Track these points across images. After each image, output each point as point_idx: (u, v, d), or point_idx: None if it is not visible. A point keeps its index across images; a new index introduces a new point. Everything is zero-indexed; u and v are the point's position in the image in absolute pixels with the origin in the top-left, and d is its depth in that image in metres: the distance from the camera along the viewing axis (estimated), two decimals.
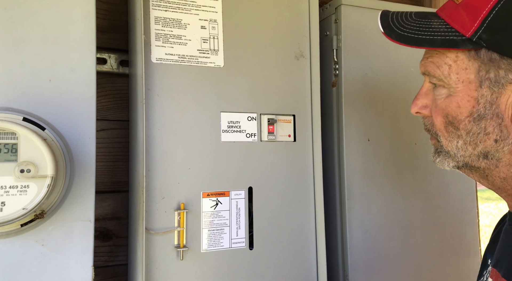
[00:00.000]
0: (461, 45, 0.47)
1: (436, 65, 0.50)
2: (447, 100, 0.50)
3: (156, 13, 0.70)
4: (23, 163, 0.53)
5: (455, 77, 0.49)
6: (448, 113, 0.50)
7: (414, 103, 0.55)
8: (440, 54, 0.50)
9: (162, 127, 0.70)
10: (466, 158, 0.50)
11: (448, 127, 0.51)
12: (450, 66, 0.49)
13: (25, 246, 0.57)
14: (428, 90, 0.53)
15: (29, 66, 0.60)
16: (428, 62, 0.51)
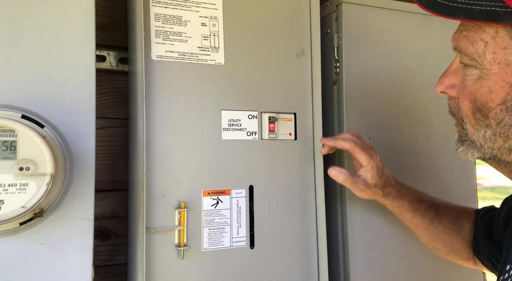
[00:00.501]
0: (503, 19, 0.39)
1: (470, 41, 0.43)
2: (477, 82, 0.43)
3: (156, 10, 0.70)
4: (22, 160, 0.52)
5: (490, 57, 0.42)
6: (477, 98, 0.44)
7: (441, 81, 0.49)
8: (476, 28, 0.43)
9: (162, 125, 0.69)
10: (494, 151, 0.44)
11: (476, 113, 0.44)
12: (486, 43, 0.42)
13: (24, 245, 0.57)
14: (458, 68, 0.47)
15: (28, 63, 0.59)
16: (462, 36, 0.44)
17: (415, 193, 0.74)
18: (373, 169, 0.68)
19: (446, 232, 0.72)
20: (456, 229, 0.72)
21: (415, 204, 0.71)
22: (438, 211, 0.73)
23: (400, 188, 0.72)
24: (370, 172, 0.69)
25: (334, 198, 0.85)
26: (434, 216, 0.72)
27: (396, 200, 0.71)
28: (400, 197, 0.71)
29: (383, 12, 0.87)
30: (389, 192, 0.71)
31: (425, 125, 0.90)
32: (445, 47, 0.93)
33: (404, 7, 0.89)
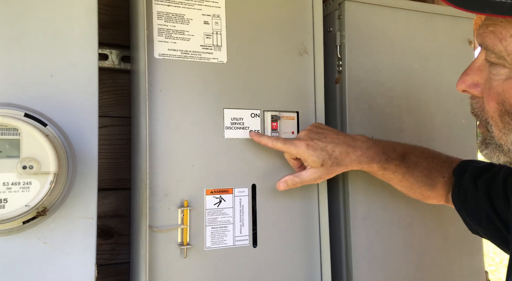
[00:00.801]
0: None
1: (499, 37, 0.39)
2: (506, 83, 0.40)
3: (159, 8, 0.70)
4: (25, 159, 0.52)
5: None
6: (505, 100, 0.40)
7: (462, 78, 0.46)
8: (506, 23, 0.39)
9: (165, 124, 0.69)
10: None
11: (504, 116, 0.41)
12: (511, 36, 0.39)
13: (27, 243, 0.57)
14: (482, 65, 0.44)
15: (30, 61, 0.59)
16: (488, 32, 0.41)
17: (384, 150, 0.72)
18: (307, 153, 0.67)
19: (418, 185, 0.74)
20: (428, 183, 0.74)
21: (385, 164, 0.71)
22: (409, 165, 0.73)
23: (368, 148, 0.70)
24: (307, 158, 0.68)
25: (337, 196, 0.85)
26: (405, 171, 0.73)
27: (364, 164, 0.70)
28: (368, 161, 0.69)
29: (386, 10, 0.87)
30: (352, 159, 0.69)
31: (428, 123, 0.90)
32: (448, 45, 0.93)
33: (407, 5, 0.89)
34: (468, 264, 0.91)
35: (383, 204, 0.84)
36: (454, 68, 0.93)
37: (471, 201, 0.69)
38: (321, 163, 0.68)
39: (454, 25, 0.93)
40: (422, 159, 0.74)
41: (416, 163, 0.74)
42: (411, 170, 0.73)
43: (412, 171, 0.73)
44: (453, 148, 0.92)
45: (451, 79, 0.92)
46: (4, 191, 0.51)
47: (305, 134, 0.71)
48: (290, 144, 0.69)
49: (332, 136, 0.70)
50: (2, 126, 0.52)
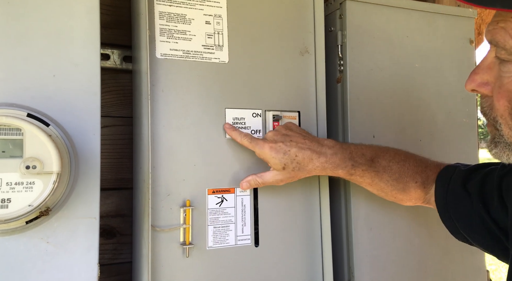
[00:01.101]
0: None
1: (510, 33, 0.38)
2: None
3: (161, 8, 0.70)
4: (28, 159, 0.52)
5: None
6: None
7: (472, 78, 0.45)
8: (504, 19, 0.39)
9: (167, 124, 0.69)
10: None
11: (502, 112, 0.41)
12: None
13: (30, 243, 0.57)
14: (492, 63, 0.43)
15: (33, 61, 0.59)
16: (499, 28, 0.40)
17: (351, 155, 0.70)
18: (269, 155, 0.67)
19: (389, 189, 0.73)
20: (400, 187, 0.72)
21: (351, 170, 0.69)
22: (378, 169, 0.71)
23: (333, 155, 0.68)
24: (269, 160, 0.68)
25: (338, 196, 0.85)
26: (374, 175, 0.71)
27: (328, 170, 0.68)
28: (333, 168, 0.68)
29: (387, 9, 0.87)
30: (316, 166, 0.67)
31: (429, 123, 0.90)
32: (448, 44, 0.93)
33: (408, 4, 0.89)
34: (469, 263, 0.91)
35: (384, 204, 0.84)
36: (455, 67, 0.93)
37: (461, 207, 0.65)
38: (283, 166, 0.67)
39: (455, 24, 0.93)
40: (393, 163, 0.72)
41: (386, 167, 0.72)
42: (380, 174, 0.71)
43: (381, 175, 0.71)
44: (454, 147, 0.92)
45: (452, 78, 0.93)
46: (7, 191, 0.51)
47: (271, 135, 0.69)
48: (255, 144, 0.68)
49: (297, 139, 0.68)
50: (5, 126, 0.52)
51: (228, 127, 0.72)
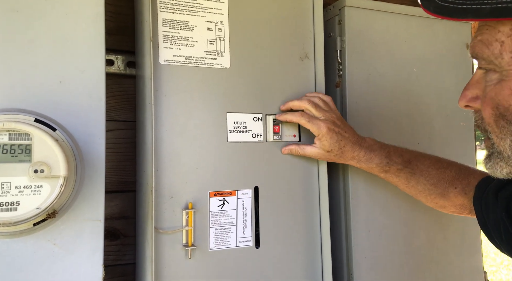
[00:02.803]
0: None
1: (485, 44, 0.41)
2: (498, 86, 0.41)
3: (164, 15, 0.71)
4: (36, 163, 0.54)
5: (508, 57, 0.39)
6: (499, 102, 0.40)
7: (463, 94, 0.46)
8: (490, 29, 0.41)
9: (170, 128, 0.71)
10: None
11: (498, 121, 0.41)
12: (502, 42, 0.40)
13: (37, 245, 0.58)
14: (480, 78, 0.44)
15: (40, 67, 0.61)
16: (477, 42, 0.42)
17: (389, 154, 0.75)
18: (324, 137, 0.73)
19: (427, 193, 0.76)
20: (438, 192, 0.74)
21: (385, 167, 0.75)
22: (414, 172, 0.75)
23: (372, 151, 0.75)
24: (321, 140, 0.73)
25: (338, 198, 0.86)
26: (409, 176, 0.75)
27: (363, 163, 0.75)
28: (367, 161, 0.74)
29: (385, 15, 0.89)
30: (353, 156, 0.74)
31: (427, 127, 0.92)
32: (446, 49, 0.94)
33: (406, 10, 0.91)
34: (468, 264, 0.93)
35: (383, 206, 0.86)
36: (453, 72, 0.95)
37: (492, 214, 0.64)
38: (330, 150, 0.74)
39: (452, 29, 0.95)
40: (432, 169, 0.75)
41: (423, 170, 0.75)
42: (416, 177, 0.75)
43: (418, 178, 0.75)
44: (452, 150, 0.94)
45: (449, 82, 0.94)
46: (16, 194, 0.53)
47: (329, 117, 0.74)
48: (313, 123, 0.73)
49: (350, 132, 0.75)
50: (14, 131, 0.54)
51: (277, 116, 0.78)
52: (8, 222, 0.52)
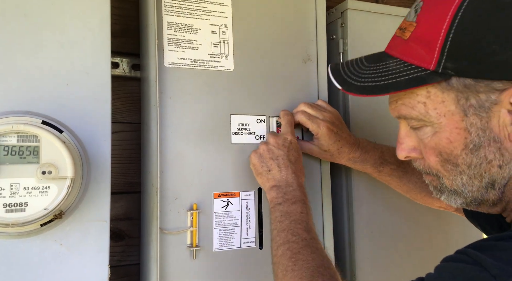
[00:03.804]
0: (429, 80, 0.44)
1: (410, 107, 0.47)
2: (435, 137, 0.46)
3: (169, 19, 0.72)
4: (44, 165, 0.54)
5: (434, 113, 0.45)
6: (441, 150, 0.46)
7: (400, 148, 0.51)
8: (409, 94, 0.47)
9: (175, 130, 0.71)
10: (474, 193, 0.46)
11: (445, 165, 0.47)
12: (424, 103, 0.46)
13: (44, 245, 0.59)
14: (408, 132, 0.50)
15: (47, 70, 0.62)
16: (400, 105, 0.48)
17: (382, 155, 0.77)
18: (322, 137, 0.74)
19: (418, 190, 0.77)
20: (429, 190, 0.74)
21: (379, 167, 0.76)
22: (407, 170, 0.76)
23: (366, 152, 0.76)
24: (319, 139, 0.74)
25: (341, 198, 0.87)
26: (402, 175, 0.76)
27: (358, 164, 0.76)
28: (362, 162, 0.75)
29: (388, 18, 0.90)
30: (349, 158, 0.76)
31: None
32: None
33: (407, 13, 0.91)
34: None
35: (386, 207, 0.86)
36: None
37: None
38: (327, 149, 0.75)
39: None
40: None
41: (415, 169, 0.74)
42: (409, 175, 0.76)
43: (410, 176, 0.76)
44: None
45: None
46: (24, 195, 0.54)
47: (330, 117, 0.75)
48: (312, 121, 0.74)
49: (347, 133, 0.77)
50: (23, 133, 0.55)
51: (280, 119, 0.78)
52: (16, 222, 0.53)
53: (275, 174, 0.69)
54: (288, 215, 0.64)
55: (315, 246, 0.59)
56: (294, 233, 0.60)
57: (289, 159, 0.70)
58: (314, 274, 0.53)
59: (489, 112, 0.43)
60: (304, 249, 0.58)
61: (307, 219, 0.64)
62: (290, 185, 0.68)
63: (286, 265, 0.56)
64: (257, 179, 0.72)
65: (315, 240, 0.61)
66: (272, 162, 0.70)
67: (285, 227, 0.62)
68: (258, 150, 0.73)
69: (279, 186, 0.68)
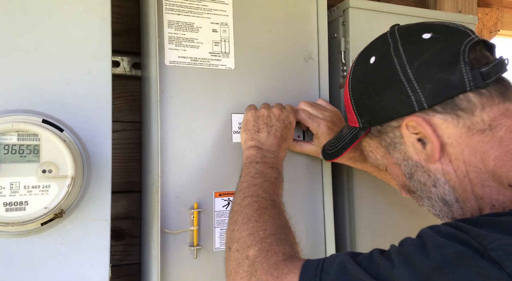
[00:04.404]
0: (359, 134, 0.57)
1: (368, 156, 0.59)
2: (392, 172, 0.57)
3: (169, 17, 0.72)
4: (45, 163, 0.54)
5: (379, 156, 0.57)
6: (399, 183, 0.57)
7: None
8: (362, 148, 0.60)
9: (176, 129, 0.71)
10: (443, 212, 0.52)
11: (408, 194, 0.57)
12: (371, 151, 0.58)
13: (45, 244, 0.59)
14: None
15: (48, 69, 0.61)
16: (366, 154, 0.60)
17: None
18: (322, 136, 0.74)
19: None
20: None
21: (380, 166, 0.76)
22: None
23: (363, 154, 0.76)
24: (319, 139, 0.74)
25: (342, 199, 0.87)
26: None
27: (358, 163, 0.76)
28: (363, 161, 0.75)
29: (389, 16, 0.89)
30: (350, 157, 0.75)
31: None
32: None
33: (409, 11, 0.91)
34: None
35: (388, 206, 0.86)
36: None
37: None
38: None
39: None
40: None
41: None
42: None
43: None
44: None
45: None
46: (25, 194, 0.54)
47: (328, 115, 0.76)
48: (312, 120, 0.75)
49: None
50: (23, 132, 0.54)
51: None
52: (17, 221, 0.53)
53: (262, 137, 0.69)
54: (263, 175, 0.64)
55: (282, 211, 0.60)
56: (265, 191, 0.61)
57: (281, 134, 0.71)
58: (278, 231, 0.53)
59: (402, 145, 0.51)
60: (272, 208, 0.58)
61: (279, 186, 0.65)
62: (271, 152, 0.68)
63: (250, 214, 0.56)
64: (242, 133, 0.72)
65: (282, 207, 0.62)
66: (265, 127, 0.70)
67: (257, 183, 0.62)
68: (257, 111, 0.72)
69: (261, 148, 0.68)
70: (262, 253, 0.49)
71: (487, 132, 0.44)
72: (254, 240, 0.51)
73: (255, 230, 0.53)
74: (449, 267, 0.34)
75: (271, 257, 0.47)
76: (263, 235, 0.52)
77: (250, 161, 0.66)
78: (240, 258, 0.50)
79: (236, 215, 0.58)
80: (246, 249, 0.50)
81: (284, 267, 0.45)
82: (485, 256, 0.34)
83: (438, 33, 0.49)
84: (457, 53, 0.45)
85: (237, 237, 0.54)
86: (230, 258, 0.52)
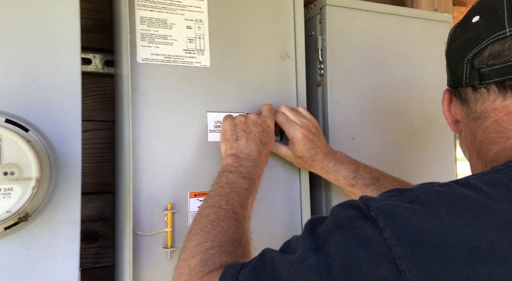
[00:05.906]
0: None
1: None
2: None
3: (142, 13, 0.70)
4: (6, 165, 0.52)
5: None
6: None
7: None
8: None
9: (149, 128, 0.69)
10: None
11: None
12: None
13: (10, 249, 0.57)
14: None
15: (13, 66, 0.59)
16: None
17: (357, 169, 0.76)
18: (297, 142, 0.73)
19: None
20: None
21: (352, 180, 0.75)
22: (381, 190, 0.76)
23: (340, 163, 0.76)
24: (294, 144, 0.74)
25: (319, 196, 0.86)
26: (376, 193, 0.76)
27: (330, 174, 0.76)
28: (335, 172, 0.75)
29: (366, 14, 0.89)
30: (322, 166, 0.75)
31: (407, 124, 0.92)
32: (425, 47, 0.95)
33: (386, 9, 0.91)
34: None
35: None
36: (432, 69, 0.96)
37: None
38: (301, 155, 0.74)
39: (431, 28, 0.96)
40: (394, 186, 0.77)
41: (387, 188, 0.76)
42: None
43: None
44: (432, 148, 0.95)
45: (429, 80, 0.95)
46: None
47: (306, 123, 0.75)
48: (290, 125, 0.74)
49: (323, 142, 0.76)
50: None
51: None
52: None
53: (240, 145, 0.68)
54: (233, 185, 0.63)
55: (241, 222, 0.58)
56: (228, 203, 0.59)
57: (261, 139, 0.70)
58: (226, 244, 0.52)
59: None
60: (230, 220, 0.57)
61: (247, 197, 0.63)
62: (249, 161, 0.67)
63: (204, 225, 0.55)
64: (221, 144, 0.71)
65: (245, 218, 0.60)
66: (243, 134, 0.69)
67: (223, 193, 0.61)
68: (234, 119, 0.71)
69: (239, 156, 0.67)
70: (201, 263, 0.48)
71: (477, 120, 0.48)
72: (198, 250, 0.50)
73: (203, 240, 0.52)
74: (340, 229, 0.38)
75: (209, 267, 0.47)
76: (209, 246, 0.51)
77: (224, 171, 0.65)
78: (183, 267, 0.49)
79: (193, 225, 0.57)
80: (189, 259, 0.50)
81: (217, 275, 0.45)
82: (368, 217, 0.37)
83: (483, 19, 0.48)
84: (469, 48, 0.47)
85: (186, 246, 0.53)
86: (176, 266, 0.51)
